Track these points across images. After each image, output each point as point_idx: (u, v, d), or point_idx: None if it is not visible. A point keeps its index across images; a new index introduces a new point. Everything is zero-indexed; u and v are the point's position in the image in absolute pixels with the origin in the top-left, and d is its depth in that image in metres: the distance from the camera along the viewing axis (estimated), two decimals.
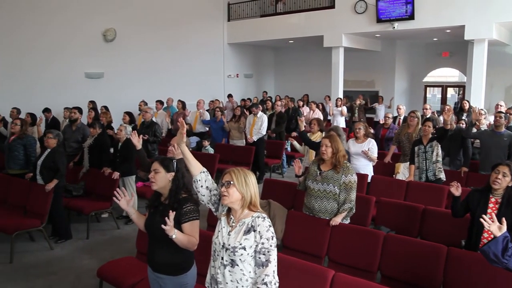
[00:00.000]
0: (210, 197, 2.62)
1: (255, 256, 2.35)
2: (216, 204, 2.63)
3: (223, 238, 2.43)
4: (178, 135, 2.72)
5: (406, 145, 6.65)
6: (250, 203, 2.42)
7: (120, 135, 6.38)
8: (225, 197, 2.39)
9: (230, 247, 2.37)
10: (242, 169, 2.46)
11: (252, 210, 2.43)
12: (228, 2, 15.38)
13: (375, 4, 11.80)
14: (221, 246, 2.42)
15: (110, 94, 11.44)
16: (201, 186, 2.61)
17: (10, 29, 9.77)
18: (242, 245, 2.35)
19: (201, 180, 2.61)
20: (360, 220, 4.55)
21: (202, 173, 2.62)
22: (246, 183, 2.40)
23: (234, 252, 2.35)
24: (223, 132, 9.50)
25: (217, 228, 2.51)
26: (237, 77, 16.36)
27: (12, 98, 9.44)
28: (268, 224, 2.38)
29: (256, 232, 2.35)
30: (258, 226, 2.36)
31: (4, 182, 6.19)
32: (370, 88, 16.14)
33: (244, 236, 2.36)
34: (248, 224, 2.39)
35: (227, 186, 2.39)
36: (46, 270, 4.97)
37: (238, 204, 2.42)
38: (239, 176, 2.40)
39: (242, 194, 2.40)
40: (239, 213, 2.44)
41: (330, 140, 4.18)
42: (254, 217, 2.40)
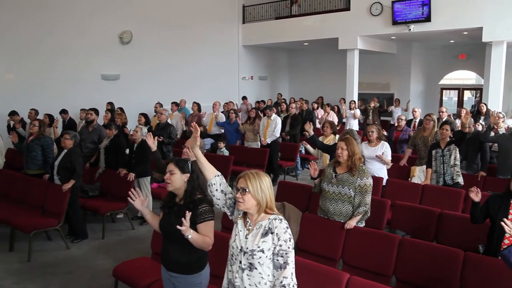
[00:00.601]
0: (225, 201, 2.61)
1: (273, 259, 2.33)
2: (231, 207, 2.61)
3: (240, 241, 2.41)
4: (191, 138, 2.71)
5: (421, 149, 6.59)
6: (266, 206, 2.40)
7: (135, 136, 6.44)
8: (240, 204, 2.38)
9: (248, 250, 2.35)
10: (257, 173, 2.43)
11: (268, 213, 2.41)
12: (243, 4, 15.43)
13: (391, 6, 11.72)
14: (238, 250, 2.40)
15: (126, 95, 11.56)
16: (216, 190, 2.59)
17: (29, 33, 9.95)
18: (260, 248, 2.33)
19: (216, 184, 2.59)
20: (375, 224, 4.51)
21: (216, 176, 2.60)
22: (261, 188, 2.37)
23: (252, 255, 2.33)
24: (237, 134, 9.52)
25: (234, 232, 2.49)
26: (252, 79, 16.38)
27: (31, 99, 9.60)
28: (285, 226, 2.37)
29: (273, 234, 2.34)
30: (275, 228, 2.34)
31: (23, 182, 6.29)
32: (385, 90, 16.02)
33: (262, 238, 2.34)
34: (265, 227, 2.37)
35: (242, 193, 2.36)
36: (63, 269, 5.04)
37: (254, 209, 2.40)
38: (254, 182, 2.37)
39: (258, 200, 2.37)
40: (255, 217, 2.42)
41: (346, 143, 4.17)
42: (271, 219, 2.38)
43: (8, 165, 7.71)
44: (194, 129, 2.70)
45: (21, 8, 9.81)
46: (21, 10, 9.82)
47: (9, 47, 9.69)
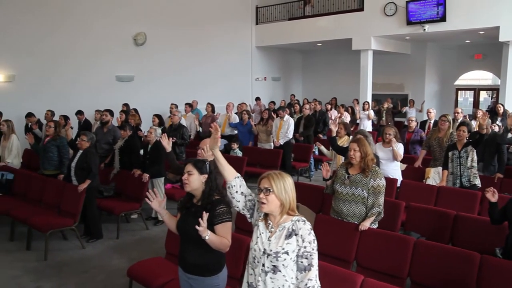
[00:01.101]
0: (245, 203, 2.58)
1: (297, 261, 2.30)
2: (251, 210, 2.58)
3: (263, 244, 2.36)
4: (211, 139, 2.69)
5: (436, 150, 6.51)
6: (289, 208, 2.36)
7: (150, 137, 6.49)
8: (263, 205, 2.33)
9: (272, 252, 2.30)
10: (280, 173, 2.40)
11: (291, 214, 2.37)
12: (256, 6, 15.46)
13: (405, 6, 11.63)
14: (261, 252, 2.35)
15: (140, 96, 11.66)
16: (236, 192, 2.56)
17: (45, 35, 10.10)
18: (284, 249, 2.29)
19: (236, 186, 2.56)
20: (389, 225, 4.48)
21: (236, 178, 2.57)
22: (285, 189, 2.34)
23: (276, 258, 2.29)
24: (250, 135, 9.53)
25: (255, 234, 2.44)
26: (265, 80, 16.39)
27: (47, 100, 9.74)
28: (309, 227, 2.34)
29: (298, 236, 2.30)
30: (299, 230, 2.31)
31: (39, 182, 6.39)
32: (399, 91, 15.89)
33: (286, 240, 2.30)
34: (288, 229, 2.33)
35: (266, 194, 2.32)
36: (78, 268, 5.10)
37: (277, 211, 2.36)
38: (278, 183, 2.33)
39: (282, 201, 2.33)
40: (278, 218, 2.38)
41: (358, 144, 4.15)
42: (294, 220, 2.34)
43: (25, 166, 7.84)
44: (215, 130, 2.68)
45: (39, 12, 9.97)
46: (39, 13, 9.98)
47: (28, 49, 9.85)
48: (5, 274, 4.93)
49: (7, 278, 4.83)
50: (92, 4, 10.93)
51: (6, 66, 9.65)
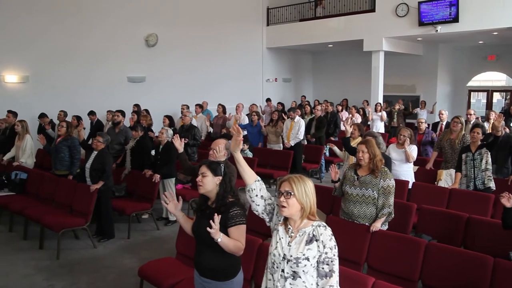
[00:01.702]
0: (265, 207, 2.54)
1: (318, 267, 2.27)
2: (270, 214, 2.54)
3: (283, 249, 2.33)
4: (233, 141, 2.62)
5: (448, 152, 6.46)
6: (309, 212, 2.33)
7: (161, 138, 6.52)
8: (284, 209, 2.30)
9: (292, 258, 2.27)
10: (301, 177, 2.36)
11: (311, 219, 2.34)
12: (267, 7, 15.47)
13: (417, 7, 11.55)
14: (281, 258, 2.32)
15: (151, 97, 11.74)
16: (256, 195, 2.52)
17: (58, 37, 10.22)
18: (305, 255, 2.26)
19: (256, 189, 2.52)
20: (400, 227, 4.45)
21: (257, 181, 2.53)
22: (306, 193, 2.31)
23: (297, 264, 2.26)
24: (260, 136, 9.53)
25: (275, 239, 2.40)
26: (276, 81, 16.39)
27: (60, 101, 9.86)
28: (330, 233, 2.30)
29: (319, 242, 2.27)
30: (320, 236, 2.28)
31: (52, 182, 6.46)
32: (411, 92, 15.79)
33: (306, 246, 2.27)
34: (309, 234, 2.30)
35: (287, 197, 2.29)
36: (90, 268, 5.14)
37: (298, 215, 2.33)
38: (299, 186, 2.30)
39: (302, 204, 2.30)
40: (298, 223, 2.35)
41: (366, 145, 4.14)
42: (315, 226, 2.31)
43: (38, 166, 7.93)
44: (237, 132, 2.64)
45: (51, 15, 10.08)
46: (53, 16, 10.09)
47: (41, 51, 9.97)
48: (18, 273, 4.99)
49: (21, 277, 4.89)
50: (104, 6, 11.03)
51: (20, 67, 9.78)
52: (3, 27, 9.35)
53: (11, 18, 9.44)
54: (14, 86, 9.74)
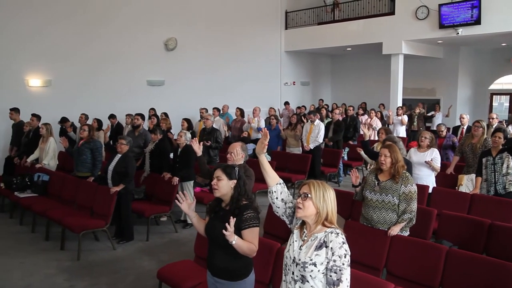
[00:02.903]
0: (285, 210, 2.57)
1: (326, 274, 2.24)
2: (290, 217, 2.56)
3: (294, 252, 2.35)
4: (259, 144, 2.72)
5: (470, 156, 6.36)
6: (326, 219, 2.32)
7: (180, 141, 6.57)
8: (299, 210, 2.31)
9: (300, 262, 2.28)
10: (322, 183, 2.37)
11: (327, 226, 2.34)
12: (285, 10, 15.48)
13: (438, 9, 11.40)
14: (291, 261, 2.34)
15: (170, 101, 11.86)
16: (276, 198, 2.56)
17: (79, 42, 10.41)
18: (312, 261, 2.25)
19: (277, 192, 2.56)
20: (420, 233, 4.39)
21: (278, 184, 2.58)
22: (324, 198, 2.30)
23: (304, 268, 2.26)
24: (278, 139, 9.53)
25: (289, 241, 2.43)
26: (294, 84, 16.37)
27: (81, 104, 10.04)
28: (341, 240, 2.26)
29: (328, 249, 2.24)
30: (330, 242, 2.25)
31: (73, 184, 6.58)
32: (430, 96, 15.58)
33: (315, 251, 2.26)
34: (320, 239, 2.28)
35: (303, 198, 2.31)
36: (109, 269, 5.21)
37: (312, 219, 2.33)
38: (317, 190, 2.31)
39: (318, 209, 2.30)
40: (312, 227, 2.35)
41: (389, 150, 4.10)
42: (327, 232, 2.29)
43: (60, 168, 8.07)
44: (264, 135, 2.71)
45: (73, 21, 10.28)
46: (73, 22, 10.29)
47: (63, 56, 10.18)
48: (41, 273, 5.09)
49: (43, 276, 4.99)
50: (125, 11, 11.20)
51: (44, 71, 10.00)
52: (28, 34, 9.58)
53: (35, 26, 9.67)
54: (37, 90, 9.96)
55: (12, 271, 5.15)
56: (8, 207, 7.51)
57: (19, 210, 7.03)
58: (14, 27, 9.40)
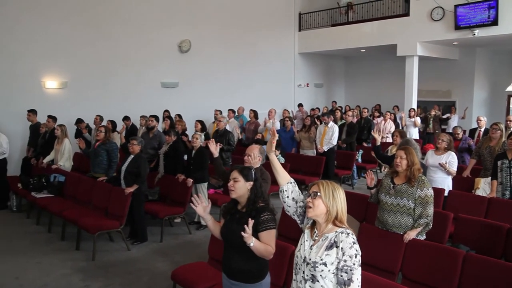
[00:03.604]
0: (296, 209, 2.59)
1: (337, 274, 2.25)
2: (301, 216, 2.58)
3: (304, 251, 2.37)
4: (268, 144, 2.73)
5: (487, 159, 6.27)
6: (336, 218, 2.33)
7: (195, 143, 6.60)
8: (310, 209, 2.33)
9: (311, 261, 2.29)
10: (332, 183, 2.39)
11: (337, 225, 2.34)
12: (299, 12, 15.46)
13: (454, 10, 11.27)
14: (302, 260, 2.36)
15: (184, 102, 11.91)
16: (287, 197, 2.59)
17: (94, 44, 10.51)
18: (323, 260, 2.26)
19: (288, 191, 2.59)
20: (436, 237, 4.34)
21: (289, 183, 2.60)
22: (333, 197, 2.32)
23: (314, 268, 2.27)
24: (293, 141, 9.51)
25: (300, 241, 2.45)
26: (307, 86, 16.33)
27: (96, 106, 10.12)
28: (352, 240, 2.27)
29: (338, 248, 2.25)
30: (341, 242, 2.26)
31: (88, 185, 6.65)
32: (446, 98, 15.41)
33: (325, 251, 2.27)
34: (330, 239, 2.29)
35: (313, 197, 2.32)
36: (124, 269, 5.25)
37: (323, 217, 2.34)
38: (327, 189, 2.33)
39: (328, 207, 2.31)
40: (323, 227, 2.37)
41: (405, 152, 4.06)
42: (338, 232, 2.30)
43: (75, 169, 8.16)
44: (272, 135, 2.72)
45: (88, 24, 10.38)
46: (88, 24, 10.39)
47: (79, 58, 10.29)
48: (57, 272, 5.15)
49: (59, 276, 5.05)
50: (139, 14, 11.29)
51: (60, 73, 10.12)
52: (44, 36, 9.71)
53: (51, 28, 9.80)
54: (53, 91, 10.09)
55: (29, 270, 5.23)
56: (25, 207, 7.62)
57: (35, 210, 7.12)
58: (31, 31, 9.54)
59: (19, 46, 9.40)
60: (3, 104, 9.15)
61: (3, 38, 9.19)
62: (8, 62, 9.26)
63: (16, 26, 9.33)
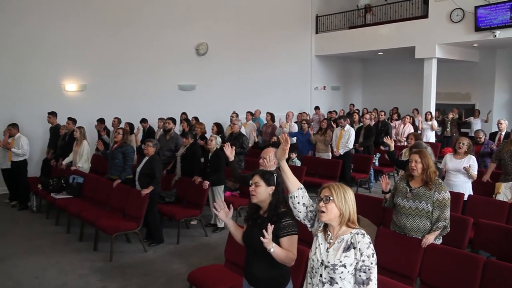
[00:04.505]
0: (306, 214, 2.59)
1: (355, 274, 2.28)
2: (312, 220, 2.59)
3: (321, 255, 2.37)
4: (280, 149, 2.70)
5: (508, 163, 6.14)
6: (349, 220, 2.35)
7: (210, 145, 6.62)
8: (323, 214, 2.34)
9: (330, 264, 2.31)
10: (341, 185, 2.40)
11: (350, 227, 2.36)
12: (316, 14, 15.43)
13: (474, 12, 11.11)
14: (319, 263, 2.36)
15: (201, 105, 11.98)
16: (298, 203, 2.59)
17: (112, 48, 10.69)
18: (342, 262, 2.28)
19: (298, 197, 2.59)
20: (455, 242, 4.26)
21: (299, 189, 2.60)
22: (345, 199, 2.33)
23: (334, 270, 2.29)
24: (310, 144, 9.48)
25: (314, 245, 2.45)
26: (324, 89, 16.28)
27: (115, 108, 10.26)
28: (368, 241, 2.31)
29: (356, 249, 2.28)
30: (358, 243, 2.29)
31: (106, 187, 6.71)
32: (465, 101, 15.18)
33: (343, 253, 2.30)
34: (347, 241, 2.32)
35: (326, 202, 2.33)
36: (141, 271, 5.28)
37: (336, 221, 2.36)
38: (338, 192, 2.34)
39: (341, 210, 2.33)
40: (336, 229, 2.38)
41: (420, 155, 4.02)
42: (353, 233, 2.33)
43: (93, 170, 8.27)
44: (284, 141, 2.69)
45: (107, 27, 10.56)
46: (107, 28, 10.57)
47: (98, 61, 10.47)
48: (75, 272, 5.22)
49: (77, 276, 5.12)
50: (156, 17, 11.42)
51: (79, 76, 10.30)
52: (64, 40, 9.90)
53: (70, 33, 9.98)
54: (73, 94, 10.27)
55: (48, 269, 5.31)
56: (45, 207, 7.74)
57: (55, 211, 7.23)
58: (52, 36, 9.74)
59: (41, 50, 9.61)
60: (25, 106, 9.36)
61: (25, 43, 9.41)
62: (30, 66, 9.49)
63: (37, 32, 9.56)
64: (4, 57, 9.20)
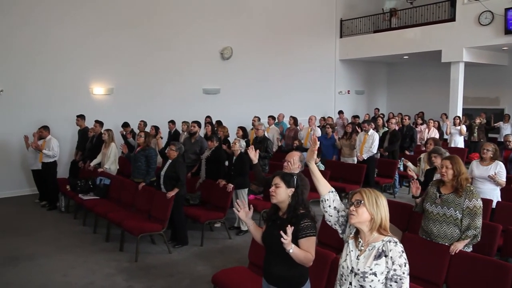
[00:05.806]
0: (338, 218, 2.57)
1: (386, 283, 2.23)
2: (343, 226, 2.56)
3: (351, 262, 2.34)
4: (309, 152, 2.72)
5: None
6: (380, 226, 2.31)
7: (234, 148, 6.67)
8: (353, 216, 2.31)
9: (360, 272, 2.27)
10: (374, 190, 2.37)
11: (383, 234, 2.31)
12: (340, 19, 15.38)
13: (504, 14, 10.88)
14: (349, 271, 2.33)
15: (225, 109, 12.08)
16: (329, 206, 2.57)
17: (139, 52, 10.90)
18: (372, 270, 2.24)
19: (329, 200, 2.57)
20: (483, 250, 4.18)
21: (330, 192, 2.58)
22: (377, 204, 2.30)
23: (364, 278, 2.25)
24: (334, 149, 9.43)
25: (345, 251, 2.42)
26: (348, 93, 16.18)
27: (141, 111, 10.46)
28: (400, 249, 2.25)
29: (387, 258, 2.23)
30: (390, 252, 2.23)
31: (132, 189, 6.84)
32: (493, 105, 14.84)
33: (374, 261, 2.25)
34: (378, 249, 2.27)
35: (357, 205, 2.30)
36: (165, 272, 5.35)
37: (367, 225, 2.32)
38: (370, 196, 2.31)
39: (372, 215, 2.29)
40: (367, 236, 2.34)
41: (451, 161, 3.95)
42: (385, 241, 2.28)
43: (119, 172, 8.42)
44: (313, 143, 2.72)
45: (133, 32, 10.77)
46: (133, 32, 10.78)
47: (125, 65, 10.70)
48: (102, 272, 5.33)
49: (104, 275, 5.22)
50: (182, 22, 11.59)
51: (106, 80, 10.53)
52: (92, 45, 10.16)
53: (98, 37, 10.23)
54: (101, 97, 10.51)
55: (76, 268, 5.44)
56: (73, 208, 7.93)
57: (82, 211, 7.39)
58: (80, 41, 9.99)
59: (69, 54, 9.87)
60: (55, 109, 9.62)
61: (55, 47, 9.69)
62: (59, 69, 9.76)
63: (67, 36, 9.83)
64: (38, 62, 9.49)
